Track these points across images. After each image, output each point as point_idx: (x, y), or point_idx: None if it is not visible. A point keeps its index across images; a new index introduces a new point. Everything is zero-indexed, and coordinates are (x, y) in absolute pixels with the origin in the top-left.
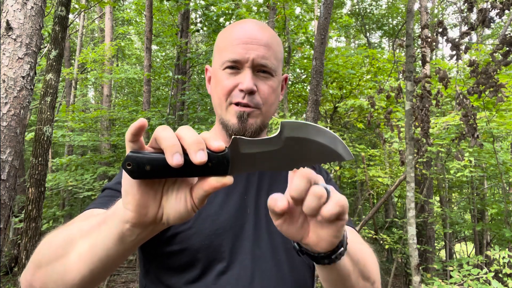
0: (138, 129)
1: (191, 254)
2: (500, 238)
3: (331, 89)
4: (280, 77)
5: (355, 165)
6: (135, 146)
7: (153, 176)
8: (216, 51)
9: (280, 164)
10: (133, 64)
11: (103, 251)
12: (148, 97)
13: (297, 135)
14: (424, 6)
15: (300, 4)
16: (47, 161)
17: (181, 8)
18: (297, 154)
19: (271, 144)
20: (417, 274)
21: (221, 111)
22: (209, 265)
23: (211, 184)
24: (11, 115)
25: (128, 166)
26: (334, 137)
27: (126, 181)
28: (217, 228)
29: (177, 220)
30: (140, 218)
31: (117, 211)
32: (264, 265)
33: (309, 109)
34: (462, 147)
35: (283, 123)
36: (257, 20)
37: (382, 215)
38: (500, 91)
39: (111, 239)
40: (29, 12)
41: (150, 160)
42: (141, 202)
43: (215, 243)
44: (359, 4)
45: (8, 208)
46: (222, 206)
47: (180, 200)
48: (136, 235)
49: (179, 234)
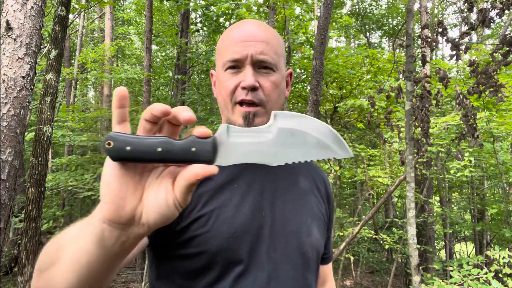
0: (122, 97)
1: (209, 257)
2: (500, 238)
3: (331, 89)
4: (283, 72)
5: (355, 165)
6: (121, 129)
7: (133, 158)
8: (217, 54)
9: (271, 156)
10: (133, 64)
11: (85, 257)
12: (148, 97)
13: (290, 126)
14: (424, 6)
15: (300, 4)
16: (47, 161)
17: (181, 8)
18: (290, 147)
19: (262, 134)
20: (417, 274)
21: (227, 112)
22: (227, 268)
23: (192, 171)
24: (11, 115)
25: (108, 145)
26: (331, 132)
27: (106, 169)
28: (235, 230)
29: (157, 219)
30: (116, 212)
31: (96, 209)
32: (280, 268)
33: (309, 109)
34: (462, 147)
35: (275, 113)
36: (256, 20)
37: (382, 215)
38: (500, 91)
39: (91, 242)
40: (29, 12)
41: (132, 140)
42: (118, 192)
43: (233, 245)
44: (359, 4)
45: (8, 208)
46: (238, 209)
47: (161, 193)
48: (116, 238)
49: (197, 237)
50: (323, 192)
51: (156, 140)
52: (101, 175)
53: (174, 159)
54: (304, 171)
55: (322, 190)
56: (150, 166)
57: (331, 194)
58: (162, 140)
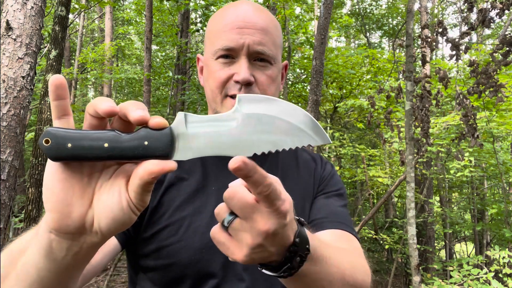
0: (58, 86)
1: (179, 270)
2: (500, 238)
3: (331, 89)
4: (279, 65)
5: (355, 165)
6: (62, 125)
7: (75, 156)
8: (208, 38)
9: (237, 147)
10: (133, 64)
11: (34, 272)
12: (148, 97)
13: (258, 111)
14: (424, 6)
15: (300, 4)
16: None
17: (181, 8)
18: (258, 135)
19: (226, 122)
20: (417, 274)
21: (215, 104)
22: (199, 282)
23: (146, 168)
24: (11, 115)
25: (46, 143)
26: (305, 115)
27: (47, 171)
28: (208, 241)
29: (111, 225)
30: (62, 220)
31: (43, 218)
32: (257, 281)
33: (309, 109)
34: (462, 147)
35: (239, 97)
36: (252, 2)
37: (382, 215)
38: (500, 91)
39: (39, 255)
40: (29, 12)
41: (73, 136)
42: (63, 198)
43: (206, 257)
44: (359, 4)
45: (8, 208)
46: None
47: (113, 196)
48: (66, 249)
49: (166, 248)
50: (317, 183)
51: (102, 135)
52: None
53: (124, 156)
54: (294, 165)
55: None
56: (100, 166)
57: (327, 176)
58: (109, 134)
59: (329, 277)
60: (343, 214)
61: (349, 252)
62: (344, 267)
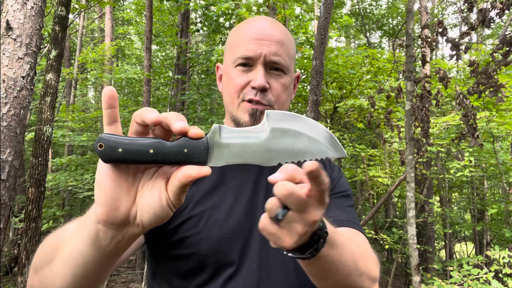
0: (111, 97)
1: (200, 259)
2: (500, 238)
3: (331, 89)
4: (292, 74)
5: (355, 165)
6: (112, 130)
7: (124, 160)
8: (228, 48)
9: (264, 157)
10: (133, 64)
11: (80, 257)
12: (148, 97)
13: (284, 126)
14: (424, 6)
15: (300, 4)
16: (47, 161)
17: (181, 8)
18: (283, 147)
19: (255, 134)
20: (417, 274)
21: (232, 108)
22: (218, 270)
23: (185, 173)
24: (11, 115)
25: (100, 147)
26: (325, 131)
27: (99, 170)
28: (226, 232)
29: (151, 219)
30: (111, 213)
31: (91, 210)
32: (271, 269)
33: (309, 109)
34: (462, 147)
35: (268, 112)
36: (269, 17)
37: (382, 215)
38: (500, 91)
39: (86, 243)
40: (29, 12)
41: (123, 142)
42: (112, 194)
43: (224, 248)
44: (359, 4)
45: (8, 208)
46: (231, 210)
47: (154, 194)
48: (110, 238)
49: (187, 239)
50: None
51: (148, 142)
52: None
53: (166, 161)
54: None
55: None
56: (143, 167)
57: (335, 178)
58: (154, 141)
59: (344, 262)
60: (351, 213)
61: (360, 244)
62: (357, 254)
